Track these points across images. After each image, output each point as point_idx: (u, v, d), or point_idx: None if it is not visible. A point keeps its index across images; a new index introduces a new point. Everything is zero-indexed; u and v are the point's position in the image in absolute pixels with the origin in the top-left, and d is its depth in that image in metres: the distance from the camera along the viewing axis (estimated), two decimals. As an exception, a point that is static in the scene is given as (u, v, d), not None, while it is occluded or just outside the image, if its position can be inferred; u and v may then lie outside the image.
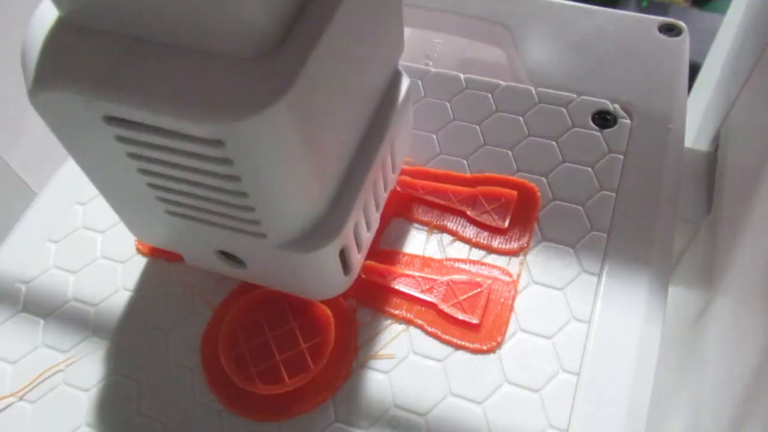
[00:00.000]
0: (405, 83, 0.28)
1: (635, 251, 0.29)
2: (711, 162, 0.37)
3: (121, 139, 0.21)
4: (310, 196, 0.23)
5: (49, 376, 0.28)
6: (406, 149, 0.31)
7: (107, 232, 0.32)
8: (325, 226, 0.24)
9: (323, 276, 0.25)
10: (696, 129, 0.47)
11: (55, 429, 0.26)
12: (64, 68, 0.20)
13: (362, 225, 0.26)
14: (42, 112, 0.21)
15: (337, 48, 0.21)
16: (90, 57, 0.20)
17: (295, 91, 0.19)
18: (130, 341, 0.28)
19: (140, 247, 0.31)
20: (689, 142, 0.46)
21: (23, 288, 0.30)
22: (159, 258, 0.31)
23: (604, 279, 0.28)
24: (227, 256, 0.26)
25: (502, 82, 0.35)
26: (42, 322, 0.29)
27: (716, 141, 0.38)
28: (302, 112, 0.20)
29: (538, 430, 0.25)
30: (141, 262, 0.31)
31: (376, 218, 0.28)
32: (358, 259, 0.27)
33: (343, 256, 0.25)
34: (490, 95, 0.35)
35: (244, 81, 0.19)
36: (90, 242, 0.32)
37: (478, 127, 0.34)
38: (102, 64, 0.20)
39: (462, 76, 0.36)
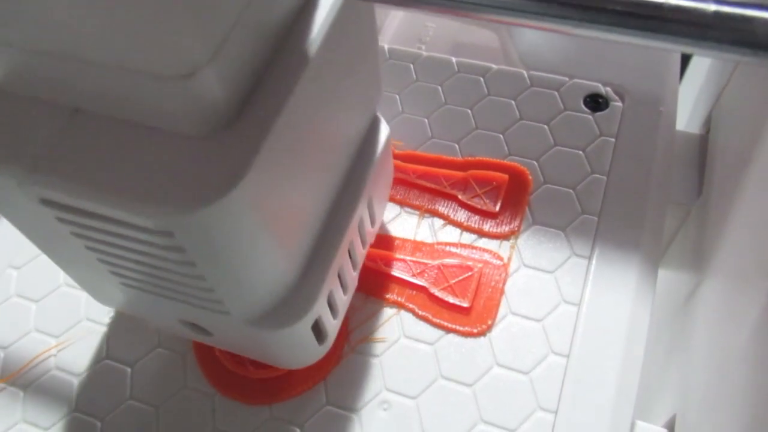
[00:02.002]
0: (384, 132, 0.25)
1: (626, 234, 0.29)
2: (702, 145, 0.37)
3: (62, 220, 0.19)
4: (275, 273, 0.20)
5: (40, 362, 0.28)
6: (386, 198, 0.29)
7: (98, 217, 0.32)
8: (295, 300, 0.21)
9: (295, 349, 0.23)
10: (689, 112, 0.47)
11: (47, 414, 0.26)
12: None
13: (338, 290, 0.24)
14: None
15: (302, 116, 0.18)
16: (23, 132, 0.18)
17: (251, 175, 0.16)
18: (122, 326, 0.28)
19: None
20: (682, 125, 0.46)
21: (14, 273, 0.30)
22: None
23: (594, 262, 0.28)
24: (193, 325, 0.24)
25: (494, 66, 0.35)
26: (33, 307, 0.29)
27: (708, 124, 0.38)
28: (261, 194, 0.17)
29: (528, 412, 0.25)
30: (132, 247, 0.31)
31: (353, 278, 0.26)
32: (333, 324, 0.24)
33: (317, 327, 0.23)
34: (482, 79, 0.35)
35: (193, 164, 0.16)
36: (81, 227, 0.31)
37: (469, 111, 0.34)
38: (36, 140, 0.17)
39: (454, 59, 0.36)
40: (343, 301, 0.25)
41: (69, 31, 0.15)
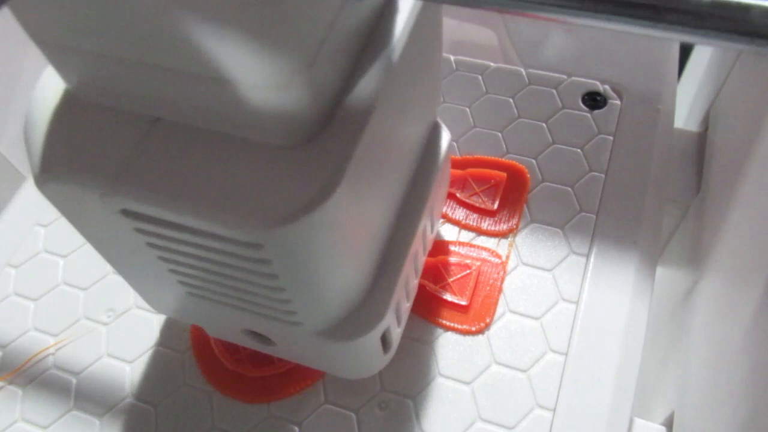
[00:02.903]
0: (445, 138, 0.25)
1: (624, 232, 0.29)
2: (700, 142, 0.37)
3: (141, 231, 0.18)
4: (349, 284, 0.20)
5: (39, 360, 0.28)
6: (443, 203, 0.28)
7: (96, 216, 0.32)
8: (365, 312, 0.21)
9: (361, 360, 0.23)
10: (687, 110, 0.47)
11: (45, 412, 0.26)
12: (74, 157, 0.17)
13: (403, 300, 0.24)
14: (51, 199, 0.18)
15: (384, 124, 0.18)
16: (104, 141, 0.17)
17: (343, 185, 0.16)
18: (121, 325, 0.28)
19: (129, 230, 0.31)
20: (680, 122, 0.46)
21: (13, 272, 0.30)
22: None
23: (592, 260, 0.28)
24: (255, 334, 0.24)
25: (492, 64, 0.35)
26: (32, 305, 0.29)
27: (706, 122, 0.38)
28: (348, 204, 0.17)
29: (526, 410, 0.25)
30: (130, 245, 0.31)
31: (414, 286, 0.25)
32: (398, 333, 0.24)
33: (384, 337, 0.23)
34: (480, 77, 0.35)
35: (284, 175, 0.16)
36: (79, 226, 0.31)
37: (468, 109, 0.34)
38: (118, 151, 0.17)
39: (452, 57, 0.36)
40: (406, 309, 0.25)
41: (159, 40, 0.15)
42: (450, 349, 0.27)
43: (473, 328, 0.27)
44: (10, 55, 0.48)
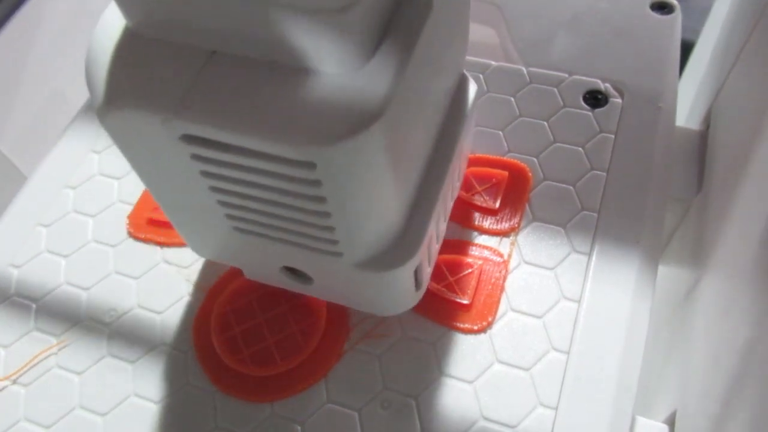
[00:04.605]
0: (472, 88, 0.26)
1: (625, 230, 0.29)
2: (702, 141, 0.37)
3: (197, 158, 0.19)
4: (389, 215, 0.22)
5: (41, 360, 0.28)
6: (468, 155, 0.29)
7: (98, 216, 0.32)
8: (401, 245, 0.23)
9: (395, 293, 0.24)
10: (688, 108, 0.47)
11: (48, 412, 0.27)
12: (137, 86, 0.18)
13: (434, 241, 0.25)
14: (110, 130, 0.20)
15: (424, 59, 0.19)
16: (165, 73, 0.18)
17: (392, 107, 0.17)
18: (123, 325, 0.28)
19: (131, 230, 0.31)
20: (682, 120, 0.46)
21: (15, 272, 0.30)
22: (151, 242, 0.31)
23: (594, 258, 0.28)
24: (293, 272, 0.25)
25: (493, 62, 0.35)
26: (34, 306, 0.29)
27: (707, 120, 0.38)
28: (393, 130, 0.18)
29: (529, 409, 0.25)
30: (133, 245, 0.31)
31: (443, 230, 0.27)
32: (427, 272, 0.26)
33: (417, 273, 0.24)
34: (481, 76, 0.35)
35: (338, 98, 0.17)
36: (81, 226, 0.31)
37: (469, 108, 0.34)
38: (179, 80, 0.18)
39: (453, 56, 0.36)
40: (435, 249, 0.26)
41: None
42: (452, 347, 0.27)
43: (475, 327, 0.27)
44: (10, 58, 0.48)
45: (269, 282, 0.27)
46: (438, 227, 0.25)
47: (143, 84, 0.18)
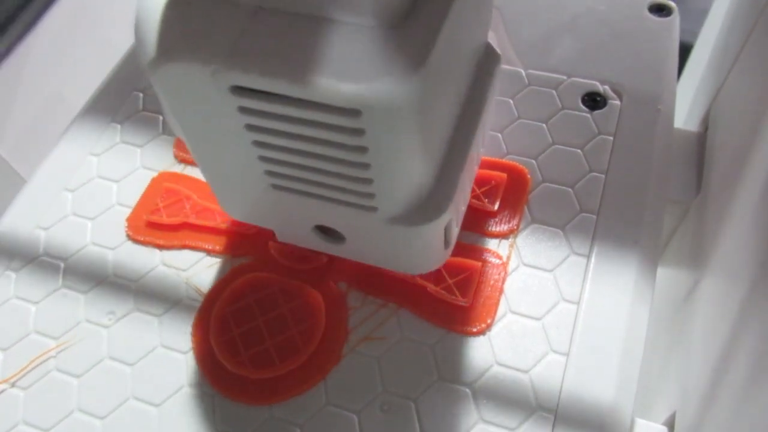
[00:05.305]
0: (496, 57, 0.27)
1: (624, 232, 0.29)
2: (701, 142, 0.37)
3: (244, 110, 0.20)
4: (424, 170, 0.22)
5: (40, 363, 0.28)
6: (491, 125, 0.31)
7: (97, 219, 0.32)
8: (433, 201, 0.23)
9: (426, 250, 0.25)
10: (687, 110, 0.47)
11: (47, 415, 0.26)
12: (188, 39, 0.20)
13: (461, 202, 0.26)
14: (160, 84, 0.21)
15: (461, 17, 0.21)
16: (213, 27, 0.20)
17: (431, 61, 0.19)
18: (122, 327, 0.28)
19: (130, 233, 0.31)
20: (680, 122, 0.46)
21: (13, 275, 0.30)
22: (149, 245, 0.31)
23: (593, 260, 0.28)
24: (325, 231, 0.26)
25: (491, 64, 0.35)
26: (33, 308, 0.29)
27: (706, 121, 0.38)
28: (432, 83, 0.19)
29: (529, 411, 0.25)
30: (131, 248, 0.31)
31: (468, 194, 0.28)
32: (455, 232, 0.27)
33: (446, 231, 0.25)
34: (479, 77, 0.35)
35: (380, 51, 0.18)
36: (80, 229, 0.31)
37: (467, 110, 0.34)
38: (227, 33, 0.19)
39: (452, 58, 0.36)
40: (462, 211, 0.27)
41: None
42: (451, 350, 0.27)
43: (474, 329, 0.27)
44: (9, 62, 0.48)
45: (299, 243, 0.28)
46: (464, 190, 0.26)
47: (193, 38, 0.20)
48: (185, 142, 0.24)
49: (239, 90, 0.20)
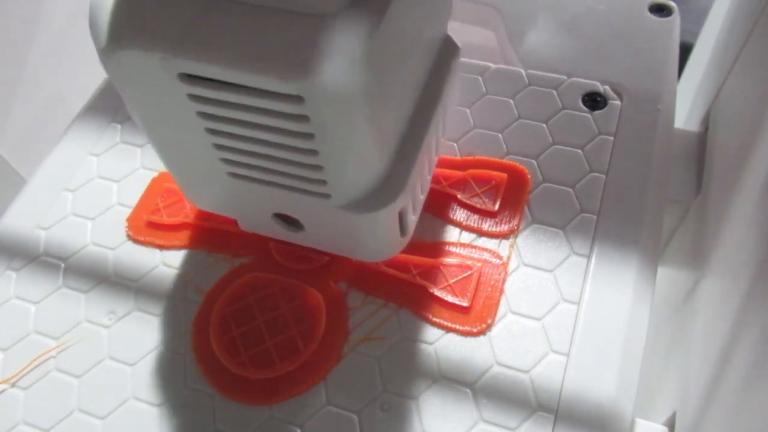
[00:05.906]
0: (455, 48, 0.28)
1: (625, 232, 0.29)
2: (701, 142, 0.37)
3: (194, 98, 0.21)
4: (375, 156, 0.23)
5: (40, 363, 0.28)
6: (452, 116, 0.31)
7: (97, 219, 0.32)
8: (386, 187, 0.24)
9: (381, 236, 0.26)
10: (687, 110, 0.47)
11: (47, 415, 0.26)
12: (138, 26, 0.20)
13: (418, 187, 0.26)
14: (112, 72, 0.21)
15: (409, 6, 0.21)
16: (164, 14, 0.20)
17: (374, 47, 0.19)
18: (122, 327, 0.28)
19: (130, 233, 0.31)
20: (681, 122, 0.46)
21: (14, 275, 0.30)
22: (150, 245, 0.31)
23: (593, 260, 0.28)
24: (284, 219, 0.27)
25: (492, 65, 0.35)
26: (33, 308, 0.29)
27: (706, 121, 0.38)
28: (378, 69, 0.20)
29: (529, 411, 0.25)
30: (131, 248, 0.31)
31: (428, 181, 0.28)
32: (412, 220, 0.27)
33: (401, 218, 0.25)
34: (480, 78, 0.35)
35: (324, 37, 0.19)
36: (80, 229, 0.31)
37: (468, 110, 0.34)
38: (177, 21, 0.20)
39: (452, 58, 0.36)
40: (420, 199, 0.27)
41: None
42: (452, 350, 0.27)
43: (475, 329, 0.27)
44: (9, 62, 0.48)
45: (261, 232, 0.28)
46: (423, 176, 0.27)
47: (144, 25, 0.20)
48: (144, 131, 0.24)
49: (188, 78, 0.20)
